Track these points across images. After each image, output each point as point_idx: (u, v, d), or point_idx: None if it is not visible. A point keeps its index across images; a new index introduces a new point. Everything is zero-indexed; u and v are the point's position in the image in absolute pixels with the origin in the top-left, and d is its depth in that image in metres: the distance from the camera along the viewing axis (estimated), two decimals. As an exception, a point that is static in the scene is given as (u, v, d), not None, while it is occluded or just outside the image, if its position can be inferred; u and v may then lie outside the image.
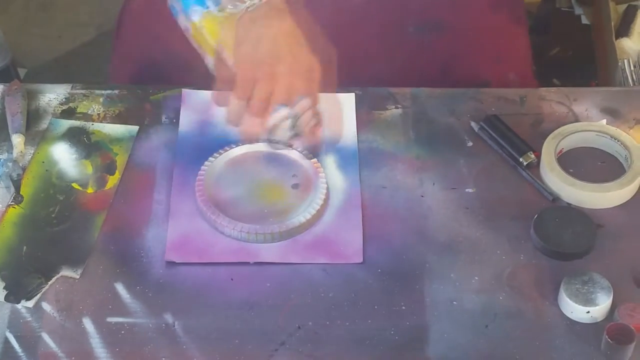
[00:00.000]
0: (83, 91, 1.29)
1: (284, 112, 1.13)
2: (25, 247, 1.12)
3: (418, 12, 1.38)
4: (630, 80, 1.65)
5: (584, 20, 1.99)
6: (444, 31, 1.38)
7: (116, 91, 1.29)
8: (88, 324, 1.05)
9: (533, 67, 1.49)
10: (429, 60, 1.39)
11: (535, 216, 1.13)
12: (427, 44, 1.39)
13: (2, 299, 1.07)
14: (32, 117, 1.25)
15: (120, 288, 1.08)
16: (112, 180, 1.19)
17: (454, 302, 1.07)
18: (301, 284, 1.09)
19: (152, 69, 1.39)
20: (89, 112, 1.26)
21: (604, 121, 1.24)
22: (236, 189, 1.17)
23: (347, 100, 1.27)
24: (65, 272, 1.10)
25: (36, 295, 1.08)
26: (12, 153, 1.21)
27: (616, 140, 1.20)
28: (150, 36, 1.42)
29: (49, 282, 1.09)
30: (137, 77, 1.39)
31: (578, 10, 1.99)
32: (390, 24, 1.40)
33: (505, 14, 1.44)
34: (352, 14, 1.40)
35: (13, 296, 1.08)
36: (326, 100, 1.26)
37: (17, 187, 1.17)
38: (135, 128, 1.24)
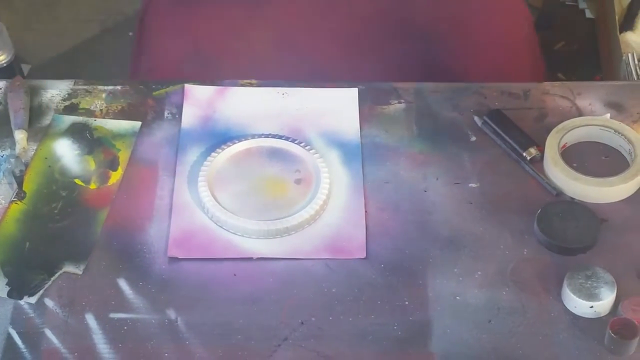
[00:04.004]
0: (85, 87, 1.29)
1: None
2: (27, 243, 1.12)
3: (423, 12, 1.39)
4: (634, 74, 1.64)
5: (588, 14, 1.99)
6: (444, 28, 1.38)
7: (119, 87, 1.28)
8: (91, 319, 1.05)
9: (540, 61, 1.49)
10: (428, 58, 1.39)
11: (539, 211, 1.12)
12: (427, 42, 1.39)
13: (5, 295, 1.07)
14: (35, 113, 1.25)
15: (123, 284, 1.08)
16: (115, 176, 1.19)
17: (457, 297, 1.07)
18: (304, 279, 1.09)
19: (176, 63, 1.39)
20: (92, 108, 1.26)
21: (608, 115, 1.24)
22: (239, 184, 1.17)
23: (350, 95, 1.27)
24: (68, 268, 1.10)
25: (39, 291, 1.08)
26: (14, 149, 1.20)
27: (620, 135, 1.19)
28: (174, 31, 1.42)
29: (52, 278, 1.09)
30: (160, 72, 1.39)
31: (582, 4, 1.99)
32: (396, 22, 1.40)
33: (507, 11, 1.44)
34: (361, 13, 1.40)
35: (16, 292, 1.08)
36: (329, 95, 1.26)
37: (20, 183, 1.17)
38: (138, 124, 1.24)
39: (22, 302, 1.07)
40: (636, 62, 1.65)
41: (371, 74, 1.38)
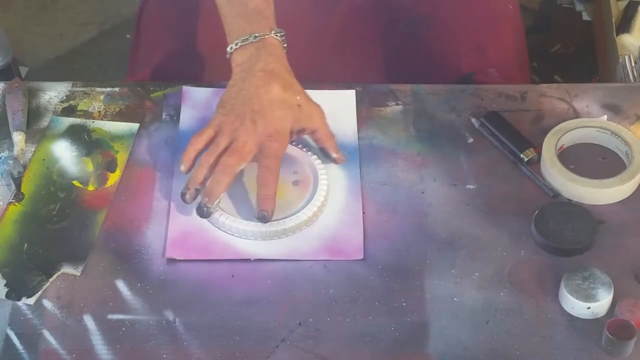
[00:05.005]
0: (84, 89, 1.29)
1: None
2: (26, 245, 1.12)
3: (408, 8, 1.39)
4: (631, 76, 1.65)
5: (585, 17, 1.99)
6: (431, 26, 1.39)
7: (117, 89, 1.29)
8: (89, 321, 1.05)
9: (533, 64, 1.49)
10: (416, 55, 1.39)
11: (536, 212, 1.13)
12: (415, 39, 1.39)
13: (3, 296, 1.08)
14: (33, 115, 1.25)
15: (121, 285, 1.08)
16: (113, 178, 1.19)
17: (455, 298, 1.07)
18: (302, 280, 1.09)
19: (172, 63, 1.39)
20: (90, 109, 1.27)
21: (605, 117, 1.24)
22: (237, 185, 1.17)
23: (348, 97, 1.27)
24: (66, 269, 1.10)
25: (37, 292, 1.08)
26: (12, 151, 1.21)
27: (617, 136, 1.20)
28: (170, 30, 1.42)
29: (50, 280, 1.09)
30: (157, 72, 1.40)
31: (579, 7, 1.99)
32: (383, 21, 1.40)
33: (494, 9, 1.44)
34: (346, 13, 1.40)
35: (14, 293, 1.08)
36: (326, 97, 1.27)
37: (18, 185, 1.17)
38: (136, 125, 1.24)
39: (20, 303, 1.07)
40: (633, 64, 1.66)
41: (365, 67, 1.38)
